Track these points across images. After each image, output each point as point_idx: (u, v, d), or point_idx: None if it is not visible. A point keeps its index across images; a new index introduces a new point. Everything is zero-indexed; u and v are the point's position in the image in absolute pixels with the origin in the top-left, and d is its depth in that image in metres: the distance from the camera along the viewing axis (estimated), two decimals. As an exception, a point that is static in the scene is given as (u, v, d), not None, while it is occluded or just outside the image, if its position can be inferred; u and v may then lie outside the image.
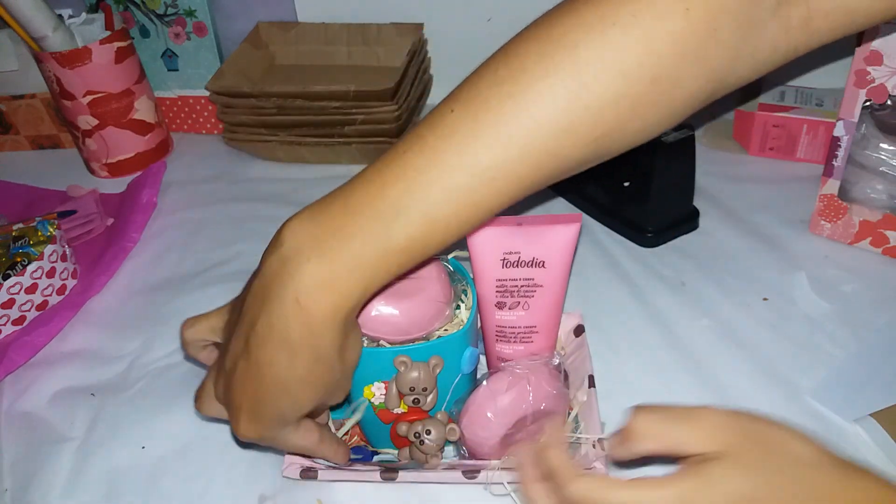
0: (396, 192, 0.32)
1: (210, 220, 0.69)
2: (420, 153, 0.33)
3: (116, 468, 0.47)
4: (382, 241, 0.32)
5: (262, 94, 0.71)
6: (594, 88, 0.31)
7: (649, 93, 0.32)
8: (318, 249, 0.33)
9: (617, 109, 0.32)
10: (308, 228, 0.33)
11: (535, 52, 0.32)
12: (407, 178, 0.32)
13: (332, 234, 0.33)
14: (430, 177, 0.32)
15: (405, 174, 0.32)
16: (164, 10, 0.78)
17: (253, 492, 0.44)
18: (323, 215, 0.34)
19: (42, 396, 0.52)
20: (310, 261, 0.32)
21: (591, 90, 0.31)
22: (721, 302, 0.55)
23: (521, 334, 0.45)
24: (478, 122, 0.32)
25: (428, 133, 0.33)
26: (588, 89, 0.31)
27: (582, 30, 0.31)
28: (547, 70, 0.31)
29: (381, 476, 0.41)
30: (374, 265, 0.33)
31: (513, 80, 0.32)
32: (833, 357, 0.50)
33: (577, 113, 0.32)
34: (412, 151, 0.33)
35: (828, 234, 0.59)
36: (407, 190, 0.32)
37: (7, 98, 0.80)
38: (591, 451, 0.42)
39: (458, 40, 0.80)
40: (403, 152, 0.33)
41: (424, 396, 0.40)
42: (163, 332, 0.57)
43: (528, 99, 0.31)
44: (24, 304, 0.58)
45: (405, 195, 0.32)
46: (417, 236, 0.33)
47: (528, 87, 0.32)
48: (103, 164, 0.77)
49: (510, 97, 0.32)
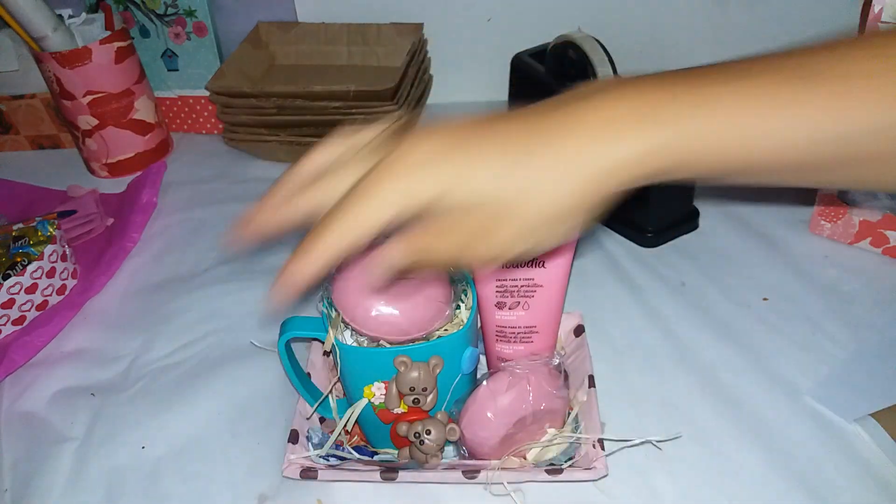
0: (719, 90, 0.29)
1: (210, 220, 0.69)
2: (764, 71, 0.30)
3: (116, 468, 0.47)
4: (664, 117, 0.29)
5: (262, 94, 0.71)
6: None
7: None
8: (616, 92, 0.30)
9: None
10: (611, 89, 0.30)
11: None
12: (738, 82, 0.29)
13: (635, 89, 0.30)
14: (759, 91, 0.29)
15: (737, 82, 0.29)
16: (164, 10, 0.78)
17: (253, 492, 0.44)
18: (635, 85, 0.30)
19: (42, 396, 0.52)
20: (601, 94, 0.30)
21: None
22: (721, 302, 0.55)
23: (521, 334, 0.45)
24: (817, 71, 0.29)
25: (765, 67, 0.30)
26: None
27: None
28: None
29: (381, 476, 0.41)
30: (637, 134, 0.29)
31: (857, 62, 0.29)
32: (833, 357, 0.50)
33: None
34: (756, 74, 0.30)
35: (828, 234, 0.59)
36: (726, 90, 0.29)
37: (7, 98, 0.80)
38: (590, 450, 0.42)
39: (458, 40, 0.80)
40: (751, 67, 0.30)
41: (424, 396, 0.40)
42: (163, 332, 0.57)
43: (860, 77, 0.29)
44: (24, 304, 0.58)
45: (722, 93, 0.29)
46: (701, 138, 0.29)
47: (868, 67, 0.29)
48: (103, 164, 0.77)
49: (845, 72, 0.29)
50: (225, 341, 0.56)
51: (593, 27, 0.64)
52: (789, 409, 0.46)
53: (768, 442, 0.44)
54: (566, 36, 0.63)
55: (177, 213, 0.71)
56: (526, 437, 0.42)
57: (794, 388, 0.48)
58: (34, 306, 0.59)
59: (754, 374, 0.49)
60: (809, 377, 0.48)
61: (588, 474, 0.40)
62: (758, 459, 0.43)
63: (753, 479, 0.42)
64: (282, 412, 0.48)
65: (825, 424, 0.45)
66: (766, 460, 0.43)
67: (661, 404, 0.47)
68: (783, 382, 0.48)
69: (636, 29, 0.77)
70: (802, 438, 0.44)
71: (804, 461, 0.43)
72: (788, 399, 0.47)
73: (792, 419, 0.46)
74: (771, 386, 0.48)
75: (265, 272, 0.61)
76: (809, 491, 0.41)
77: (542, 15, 0.77)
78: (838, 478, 0.42)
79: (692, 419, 0.46)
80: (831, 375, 0.48)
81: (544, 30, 0.69)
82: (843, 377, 0.48)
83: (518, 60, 0.70)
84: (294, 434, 0.43)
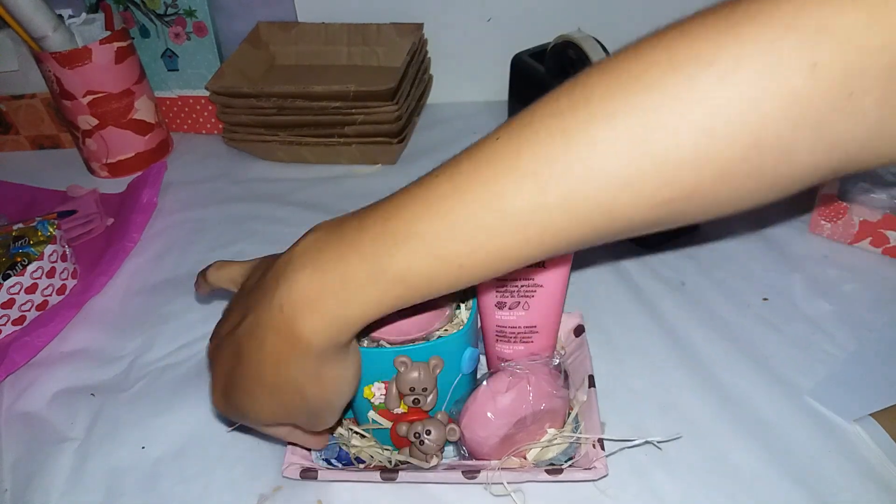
0: (410, 215, 0.29)
1: (210, 220, 0.69)
2: (449, 178, 0.28)
3: (116, 468, 0.47)
4: (380, 265, 0.29)
5: (262, 94, 0.71)
6: (668, 142, 0.25)
7: (746, 159, 0.25)
8: (316, 260, 0.30)
9: (698, 172, 0.25)
10: (320, 235, 0.31)
11: (604, 86, 0.26)
12: (427, 202, 0.28)
13: (336, 246, 0.30)
14: (450, 206, 0.28)
15: (426, 197, 0.28)
16: (164, 10, 0.78)
17: (253, 492, 0.44)
18: (340, 226, 0.31)
19: (42, 396, 0.52)
20: (304, 269, 0.30)
21: (664, 144, 0.25)
22: (721, 302, 0.55)
23: (521, 334, 0.45)
24: (520, 156, 0.27)
25: (465, 158, 0.29)
26: (659, 142, 0.25)
27: (667, 68, 0.25)
28: (614, 110, 0.25)
29: (381, 476, 0.41)
30: (367, 291, 0.29)
31: (571, 113, 0.26)
32: (833, 357, 0.50)
33: (641, 168, 0.25)
34: (444, 175, 0.29)
35: (828, 234, 0.59)
36: (421, 215, 0.28)
37: (7, 98, 0.80)
38: (590, 450, 0.42)
39: (458, 40, 0.80)
40: (436, 175, 0.29)
41: (424, 397, 0.40)
42: (163, 332, 0.57)
43: (583, 139, 0.26)
44: (24, 304, 0.58)
45: (417, 221, 0.28)
46: (421, 270, 0.29)
47: (586, 125, 0.26)
48: (103, 164, 0.77)
49: (562, 133, 0.26)
50: (225, 341, 0.56)
51: (593, 27, 0.65)
52: (789, 409, 0.46)
53: (768, 442, 0.44)
54: (566, 36, 0.63)
55: (177, 213, 0.71)
56: (526, 437, 0.42)
57: (794, 388, 0.48)
58: (34, 306, 0.59)
59: (754, 374, 0.49)
60: (809, 377, 0.48)
61: (588, 474, 0.40)
62: (758, 459, 0.43)
63: (753, 479, 0.42)
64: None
65: (825, 424, 0.45)
66: (766, 460, 0.43)
67: (661, 404, 0.47)
68: (783, 382, 0.48)
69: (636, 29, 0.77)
70: (802, 438, 0.44)
71: (804, 461, 0.43)
72: (788, 399, 0.47)
73: (792, 419, 0.46)
74: (771, 386, 0.48)
75: (265, 272, 0.61)
76: (809, 491, 0.41)
77: (542, 15, 0.77)
78: (838, 478, 0.42)
79: (692, 419, 0.46)
80: (831, 375, 0.48)
81: (544, 30, 0.69)
82: (843, 377, 0.48)
83: (518, 60, 0.70)
84: (294, 434, 0.43)
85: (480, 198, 0.27)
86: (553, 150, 0.26)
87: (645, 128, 0.25)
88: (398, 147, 0.73)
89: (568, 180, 0.26)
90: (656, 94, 0.25)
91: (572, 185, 0.26)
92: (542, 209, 0.27)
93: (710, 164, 0.25)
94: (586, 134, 0.26)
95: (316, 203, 0.70)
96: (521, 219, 0.27)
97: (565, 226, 0.27)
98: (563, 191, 0.26)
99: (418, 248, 0.28)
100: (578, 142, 0.26)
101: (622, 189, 0.26)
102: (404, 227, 0.29)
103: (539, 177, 0.26)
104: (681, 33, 0.25)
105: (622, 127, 0.25)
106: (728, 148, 0.25)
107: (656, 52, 0.26)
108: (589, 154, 0.26)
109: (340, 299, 0.30)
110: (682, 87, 0.24)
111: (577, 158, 0.26)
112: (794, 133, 0.24)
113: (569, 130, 0.26)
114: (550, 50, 0.65)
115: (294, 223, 0.67)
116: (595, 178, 0.26)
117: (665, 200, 0.26)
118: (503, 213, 0.27)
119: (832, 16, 0.23)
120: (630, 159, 0.25)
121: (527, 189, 0.27)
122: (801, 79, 0.23)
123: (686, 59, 0.25)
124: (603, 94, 0.26)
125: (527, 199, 0.27)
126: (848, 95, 0.23)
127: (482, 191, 0.27)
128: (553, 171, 0.26)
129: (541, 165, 0.26)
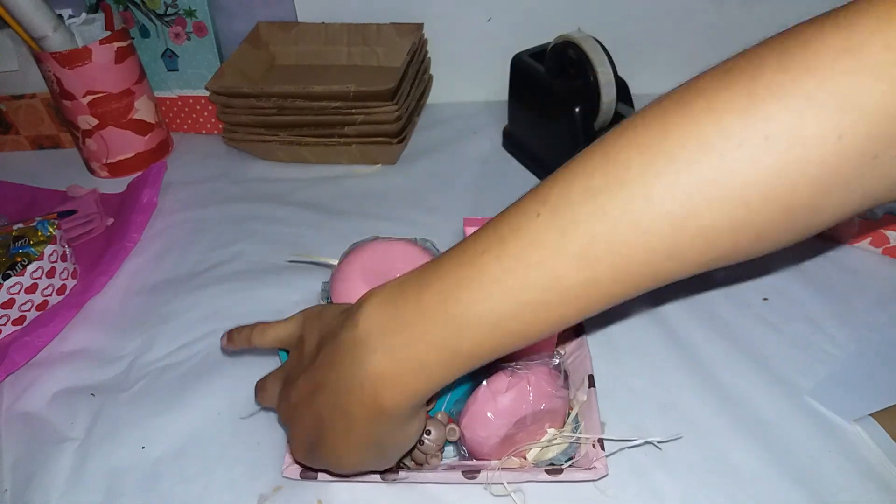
0: (469, 298, 0.31)
1: (210, 220, 0.69)
2: (497, 259, 0.30)
3: (116, 468, 0.47)
4: (450, 347, 0.32)
5: (262, 94, 0.71)
6: (707, 217, 0.27)
7: (780, 221, 0.27)
8: (386, 346, 0.33)
9: (735, 237, 0.28)
10: (381, 316, 0.33)
11: (638, 163, 0.27)
12: (482, 284, 0.30)
13: (402, 329, 0.32)
14: (507, 287, 0.30)
15: (480, 279, 0.30)
16: (164, 10, 0.78)
17: (253, 492, 0.44)
18: (397, 305, 0.33)
19: (42, 396, 0.52)
20: (375, 353, 0.33)
21: (704, 218, 0.27)
22: (721, 302, 0.55)
23: (521, 334, 0.45)
24: (566, 237, 0.29)
25: (510, 237, 0.30)
26: (700, 217, 0.27)
27: (697, 148, 0.26)
28: (650, 191, 0.27)
29: (381, 476, 0.41)
30: (440, 368, 0.32)
31: (609, 192, 0.28)
32: (833, 357, 0.50)
33: (684, 239, 0.27)
34: (490, 254, 0.30)
35: (828, 234, 0.59)
36: (480, 298, 0.30)
37: (7, 98, 0.80)
38: (590, 450, 0.42)
39: (458, 40, 0.80)
40: (482, 253, 0.31)
41: (424, 396, 0.40)
42: (163, 332, 0.57)
43: (625, 218, 0.28)
44: (24, 304, 0.58)
45: (478, 304, 0.30)
46: (486, 344, 0.31)
47: (626, 205, 0.27)
48: (103, 164, 0.77)
49: (604, 214, 0.28)
50: (225, 341, 0.56)
51: (593, 27, 0.65)
52: (789, 409, 0.46)
53: (768, 442, 0.44)
54: (566, 36, 0.63)
55: (177, 213, 0.71)
56: (526, 437, 0.42)
57: (794, 388, 0.48)
58: (34, 306, 0.59)
59: (754, 374, 0.49)
60: (809, 377, 0.48)
61: (588, 474, 0.40)
62: (758, 459, 0.43)
63: (753, 479, 0.42)
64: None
65: (825, 424, 0.45)
66: (766, 460, 0.43)
67: (661, 404, 0.47)
68: (783, 382, 0.48)
69: (636, 29, 0.77)
70: (802, 438, 0.44)
71: (804, 461, 0.43)
72: (788, 399, 0.47)
73: (792, 419, 0.46)
74: (771, 386, 0.48)
75: (265, 272, 0.61)
76: (809, 491, 0.41)
77: (542, 15, 0.77)
78: (838, 478, 0.42)
79: (692, 419, 0.46)
80: (831, 375, 0.48)
81: (544, 30, 0.69)
82: (843, 377, 0.48)
83: (518, 60, 0.70)
84: (294, 434, 0.43)
85: (534, 280, 0.29)
86: (597, 231, 0.28)
87: (682, 206, 0.27)
88: (398, 147, 0.73)
89: (615, 256, 0.28)
90: (694, 175, 0.26)
91: (620, 260, 0.28)
92: (593, 283, 0.29)
93: (746, 230, 0.27)
94: (627, 212, 0.27)
95: (316, 203, 0.70)
96: (574, 293, 0.29)
97: (616, 291, 0.30)
98: (613, 265, 0.28)
99: (484, 332, 0.31)
100: (620, 221, 0.28)
101: (668, 259, 0.28)
102: (467, 312, 0.31)
103: (588, 258, 0.28)
104: (708, 109, 0.27)
105: (659, 208, 0.27)
106: (762, 213, 0.27)
107: (686, 127, 0.27)
108: (633, 232, 0.28)
109: (419, 378, 0.33)
110: (715, 166, 0.26)
111: (621, 237, 0.28)
112: (823, 196, 0.26)
113: (609, 211, 0.28)
114: (550, 50, 0.65)
115: (294, 223, 0.67)
116: (641, 252, 0.28)
117: (704, 263, 0.29)
118: (557, 290, 0.29)
119: (855, 89, 0.24)
120: (673, 234, 0.27)
121: (580, 268, 0.29)
122: (828, 150, 0.25)
123: (716, 138, 0.26)
124: (637, 172, 0.27)
125: (578, 278, 0.29)
126: (873, 158, 0.25)
127: (535, 273, 0.29)
128: (600, 250, 0.28)
129: (587, 244, 0.28)
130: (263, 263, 0.63)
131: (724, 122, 0.26)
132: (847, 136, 0.25)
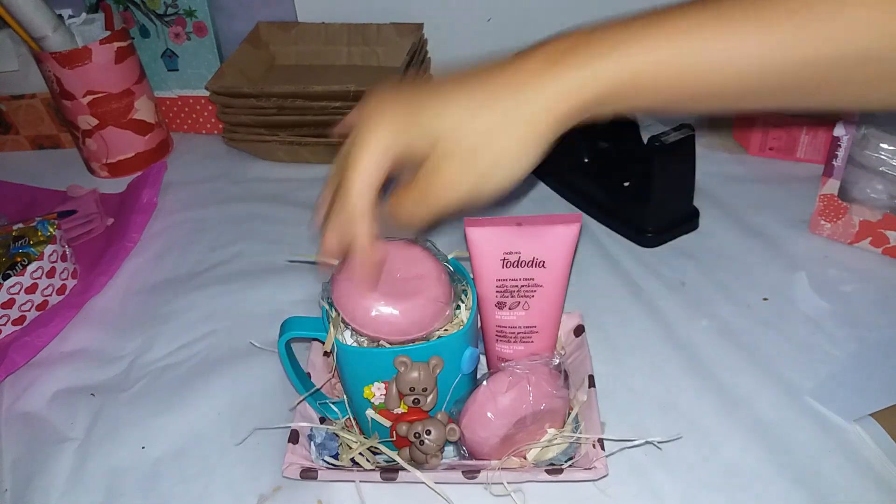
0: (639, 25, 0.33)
1: (210, 220, 0.69)
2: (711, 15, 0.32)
3: (116, 468, 0.47)
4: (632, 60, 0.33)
5: (262, 94, 0.71)
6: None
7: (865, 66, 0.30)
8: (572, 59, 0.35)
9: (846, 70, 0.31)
10: (552, 42, 0.36)
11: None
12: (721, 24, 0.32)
13: (593, 47, 0.35)
14: (711, 32, 0.32)
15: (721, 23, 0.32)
16: (164, 10, 0.78)
17: (253, 492, 0.44)
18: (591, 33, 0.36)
19: (42, 396, 0.52)
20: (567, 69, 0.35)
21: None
22: (721, 302, 0.55)
23: (521, 334, 0.45)
24: (746, 19, 0.31)
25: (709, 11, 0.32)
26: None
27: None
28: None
29: (381, 476, 0.41)
30: (603, 63, 0.34)
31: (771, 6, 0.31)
32: (833, 357, 0.50)
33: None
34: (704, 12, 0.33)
35: (828, 234, 0.59)
36: (651, 29, 0.33)
37: (7, 98, 0.80)
38: (590, 450, 0.42)
39: (458, 40, 0.80)
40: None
41: (424, 396, 0.40)
42: (163, 332, 0.57)
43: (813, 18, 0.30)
44: (24, 304, 0.58)
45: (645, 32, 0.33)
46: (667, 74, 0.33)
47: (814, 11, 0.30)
48: (103, 164, 0.77)
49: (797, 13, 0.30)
50: (225, 341, 0.56)
51: (593, 27, 0.64)
52: (789, 409, 0.46)
53: (768, 442, 0.44)
54: (566, 36, 0.63)
55: (177, 213, 0.71)
56: (526, 437, 0.42)
57: (794, 389, 0.48)
58: (34, 306, 0.59)
59: (754, 374, 0.49)
60: (809, 377, 0.48)
61: (588, 474, 0.40)
62: (758, 459, 0.43)
63: (753, 479, 0.42)
64: (282, 412, 0.48)
65: (825, 424, 0.45)
66: (766, 460, 0.43)
67: (661, 404, 0.47)
68: (783, 382, 0.48)
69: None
70: (802, 438, 0.44)
71: (804, 461, 0.43)
72: (788, 399, 0.47)
73: (792, 419, 0.46)
74: (771, 386, 0.48)
75: (265, 272, 0.61)
76: (809, 491, 0.41)
77: (542, 15, 0.77)
78: (838, 478, 0.42)
79: (692, 419, 0.46)
80: (831, 375, 0.48)
81: (544, 30, 0.69)
82: (843, 377, 0.48)
83: (518, 60, 0.70)
84: (294, 434, 0.43)
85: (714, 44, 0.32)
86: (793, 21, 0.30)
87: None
88: (398, 147, 0.73)
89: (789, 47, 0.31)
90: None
91: (788, 51, 0.31)
92: (761, 60, 0.31)
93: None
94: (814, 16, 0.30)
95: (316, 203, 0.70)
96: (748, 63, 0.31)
97: (772, 83, 0.32)
98: (782, 56, 0.31)
99: (661, 42, 0.33)
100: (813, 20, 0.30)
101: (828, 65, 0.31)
102: (653, 27, 0.33)
103: (769, 40, 0.31)
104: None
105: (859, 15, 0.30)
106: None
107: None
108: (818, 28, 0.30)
109: (584, 53, 0.35)
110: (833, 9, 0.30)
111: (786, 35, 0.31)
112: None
113: (797, 11, 0.30)
114: (550, 50, 0.65)
115: (294, 223, 0.67)
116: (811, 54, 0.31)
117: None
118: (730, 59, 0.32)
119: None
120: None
121: (760, 45, 0.31)
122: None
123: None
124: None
125: (759, 51, 0.31)
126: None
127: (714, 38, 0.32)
128: (772, 41, 0.31)
129: (764, 34, 0.31)
130: (263, 263, 0.63)
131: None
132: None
